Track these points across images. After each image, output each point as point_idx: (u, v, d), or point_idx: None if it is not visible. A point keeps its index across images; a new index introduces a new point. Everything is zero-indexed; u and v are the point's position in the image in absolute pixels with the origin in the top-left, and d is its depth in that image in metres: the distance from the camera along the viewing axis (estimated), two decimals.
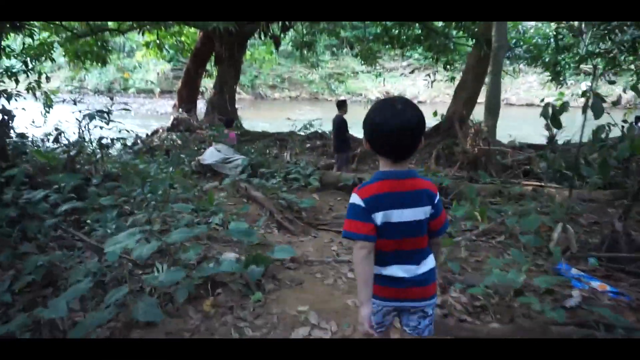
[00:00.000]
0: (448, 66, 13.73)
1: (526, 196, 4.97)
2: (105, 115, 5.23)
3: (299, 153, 10.54)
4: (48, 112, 11.63)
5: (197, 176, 7.41)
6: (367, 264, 1.56)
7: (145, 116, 24.48)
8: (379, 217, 1.54)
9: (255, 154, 7.79)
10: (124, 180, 4.83)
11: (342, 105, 7.37)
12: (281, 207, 4.64)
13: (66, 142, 11.26)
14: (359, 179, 5.70)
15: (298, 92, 35.05)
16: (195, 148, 9.64)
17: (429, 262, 1.65)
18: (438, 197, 1.63)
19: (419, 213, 1.57)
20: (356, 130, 8.08)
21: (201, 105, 16.93)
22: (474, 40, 11.64)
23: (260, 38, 16.07)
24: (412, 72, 34.12)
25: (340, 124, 7.25)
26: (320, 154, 11.99)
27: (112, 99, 8.03)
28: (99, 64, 13.98)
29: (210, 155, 7.01)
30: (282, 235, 4.15)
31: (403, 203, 1.55)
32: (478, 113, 12.47)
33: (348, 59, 33.53)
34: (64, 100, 9.38)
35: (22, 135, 9.06)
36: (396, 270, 1.61)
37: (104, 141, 5.67)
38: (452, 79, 14.27)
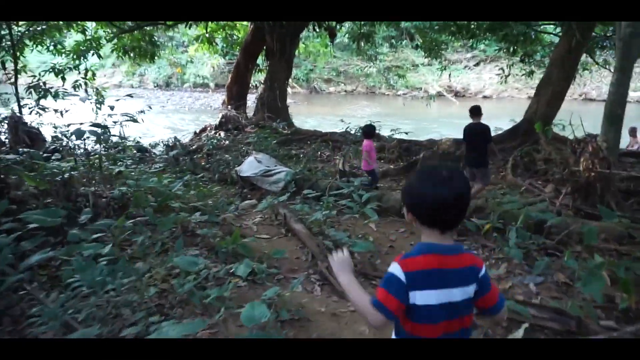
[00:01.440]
0: (526, 58, 11.94)
1: None
2: (102, 129, 4.28)
3: (352, 158, 9.34)
4: (99, 109, 11.29)
5: (237, 187, 6.46)
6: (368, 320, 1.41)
7: (199, 111, 24.26)
8: (418, 297, 1.38)
9: (302, 164, 6.70)
10: (135, 205, 3.89)
11: (477, 111, 6.37)
12: (327, 250, 3.51)
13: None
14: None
15: (354, 86, 33.71)
16: (243, 149, 8.76)
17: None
18: (484, 272, 1.46)
19: (463, 293, 1.42)
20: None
21: (252, 102, 16.17)
22: (562, 27, 9.91)
23: (314, 30, 15.00)
24: (477, 64, 31.60)
25: (484, 133, 6.20)
26: (378, 158, 10.75)
27: (131, 96, 7.40)
28: (148, 59, 13.50)
29: (249, 166, 6.02)
30: (325, 298, 3.02)
31: (449, 282, 1.40)
32: (562, 114, 10.67)
33: (407, 51, 31.67)
34: (130, 95, 8.85)
35: (56, 139, 8.69)
36: None
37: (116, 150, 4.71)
38: (531, 73, 12.47)
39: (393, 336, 1.50)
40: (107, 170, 4.92)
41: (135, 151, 8.64)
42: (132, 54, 13.21)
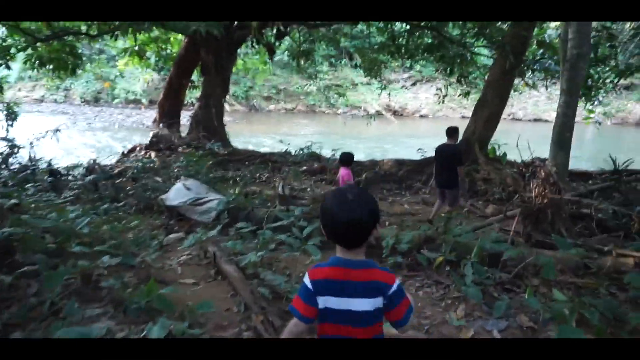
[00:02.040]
0: (462, 79, 12.17)
1: (627, 273, 3.34)
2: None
3: (294, 181, 8.88)
4: (11, 126, 10.04)
5: (163, 217, 5.74)
6: (294, 336, 1.62)
7: (130, 129, 22.81)
8: (321, 301, 1.56)
9: (238, 189, 6.10)
10: (24, 250, 3.14)
11: (453, 133, 6.26)
12: (263, 300, 2.97)
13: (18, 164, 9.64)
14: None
15: (294, 104, 33.52)
16: (174, 172, 7.95)
17: None
18: (395, 289, 1.55)
19: (365, 304, 1.54)
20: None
21: (186, 120, 15.31)
22: (495, 50, 10.17)
23: (252, 46, 14.52)
24: (414, 84, 32.65)
25: (454, 155, 6.11)
26: (319, 179, 10.36)
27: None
28: (69, 73, 12.32)
29: (177, 194, 5.34)
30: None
31: (350, 292, 1.54)
32: (498, 134, 10.92)
33: (347, 70, 32.11)
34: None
35: None
36: None
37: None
38: (467, 93, 12.75)
39: None
40: None
41: (46, 176, 7.61)
42: (49, 66, 12.00)
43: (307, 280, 1.58)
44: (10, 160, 9.12)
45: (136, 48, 13.25)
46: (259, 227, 4.73)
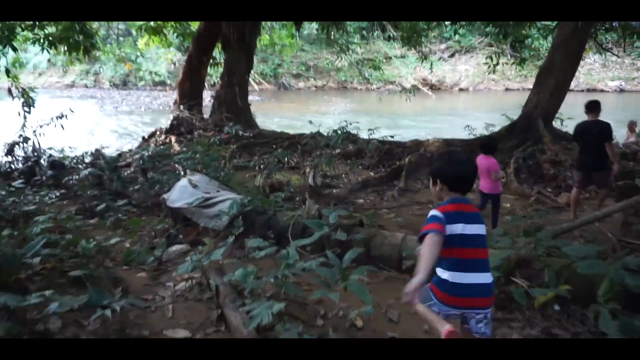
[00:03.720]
0: (517, 44, 10.52)
1: None
2: None
3: (326, 167, 7.71)
4: (28, 112, 9.30)
5: (167, 220, 4.70)
6: (435, 250, 1.87)
7: (156, 112, 22.10)
8: (449, 228, 1.92)
9: (258, 183, 4.97)
10: None
11: (595, 108, 5.48)
12: None
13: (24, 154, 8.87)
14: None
15: (325, 81, 32.04)
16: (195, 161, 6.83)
17: (488, 276, 1.97)
18: None
19: (479, 229, 2.00)
20: None
21: (208, 101, 14.29)
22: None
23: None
24: (452, 55, 30.49)
25: (605, 131, 5.32)
26: (354, 164, 9.13)
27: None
28: (82, 53, 11.42)
29: (181, 193, 4.26)
30: None
31: (468, 220, 1.98)
32: (567, 108, 9.31)
33: (380, 43, 30.26)
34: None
35: None
36: (459, 277, 1.91)
37: None
38: (522, 61, 11.09)
39: (436, 269, 1.97)
40: None
41: (48, 169, 6.73)
42: (61, 47, 11.14)
43: (436, 212, 1.98)
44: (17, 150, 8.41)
45: (152, 24, 12.18)
46: (282, 237, 3.60)
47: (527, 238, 4.17)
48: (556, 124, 9.29)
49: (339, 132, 8.98)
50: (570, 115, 9.21)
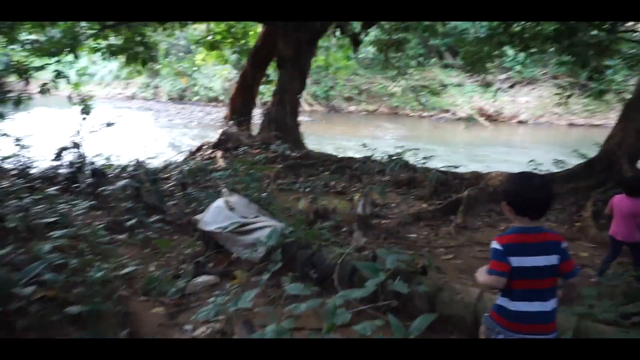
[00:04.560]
0: (595, 75, 9.54)
1: None
2: None
3: (378, 195, 7.07)
4: (84, 119, 9.39)
5: (197, 242, 4.22)
6: (494, 286, 1.99)
7: (208, 126, 22.36)
8: (512, 261, 1.92)
9: (301, 211, 4.41)
10: None
11: None
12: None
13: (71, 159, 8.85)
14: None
15: (376, 106, 31.52)
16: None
17: (553, 302, 1.96)
18: (564, 245, 2.00)
19: (544, 260, 1.93)
20: None
21: (258, 118, 14.11)
22: None
23: (335, 36, 12.95)
24: (512, 86, 29.16)
25: None
26: (404, 193, 8.44)
27: None
28: (141, 64, 11.56)
29: (215, 215, 3.77)
30: None
31: (533, 252, 1.94)
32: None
33: (436, 70, 29.51)
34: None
35: None
36: (522, 305, 1.93)
37: None
38: (601, 93, 10.06)
39: (498, 298, 2.03)
40: None
41: (89, 177, 6.53)
42: (121, 57, 11.34)
43: (496, 245, 1.96)
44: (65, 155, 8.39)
45: (209, 38, 12.19)
46: (326, 278, 3.01)
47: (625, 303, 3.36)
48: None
49: (395, 158, 8.32)
50: None
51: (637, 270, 3.98)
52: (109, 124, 7.83)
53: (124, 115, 22.74)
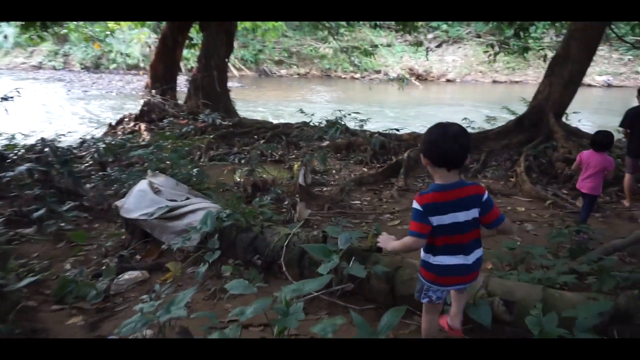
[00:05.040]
0: (521, 32, 9.73)
1: None
2: None
3: (317, 163, 6.78)
4: None
5: (122, 231, 3.69)
6: (414, 248, 2.00)
7: (129, 96, 20.66)
8: (432, 220, 1.92)
9: (234, 199, 3.98)
10: None
11: None
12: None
13: None
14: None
15: (307, 69, 30.87)
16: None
17: (477, 253, 2.01)
18: (486, 197, 1.97)
19: (464, 215, 1.93)
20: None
21: (183, 85, 13.14)
22: None
23: None
24: (439, 45, 29.70)
25: None
26: (346, 157, 8.23)
27: None
28: (38, 28, 10.13)
29: (139, 199, 3.26)
30: None
31: (453, 208, 1.92)
32: (577, 103, 8.55)
33: (366, 31, 29.24)
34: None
35: None
36: (445, 259, 1.97)
37: None
38: (525, 50, 10.32)
39: (422, 253, 2.04)
40: None
41: None
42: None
43: (417, 205, 1.93)
44: None
45: None
46: (272, 263, 2.69)
47: (572, 259, 3.39)
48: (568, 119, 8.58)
49: (335, 122, 8.01)
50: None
51: (578, 225, 4.04)
52: (4, 98, 6.77)
53: (30, 87, 20.44)
